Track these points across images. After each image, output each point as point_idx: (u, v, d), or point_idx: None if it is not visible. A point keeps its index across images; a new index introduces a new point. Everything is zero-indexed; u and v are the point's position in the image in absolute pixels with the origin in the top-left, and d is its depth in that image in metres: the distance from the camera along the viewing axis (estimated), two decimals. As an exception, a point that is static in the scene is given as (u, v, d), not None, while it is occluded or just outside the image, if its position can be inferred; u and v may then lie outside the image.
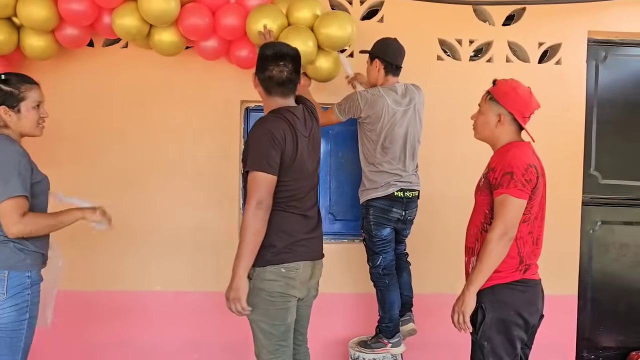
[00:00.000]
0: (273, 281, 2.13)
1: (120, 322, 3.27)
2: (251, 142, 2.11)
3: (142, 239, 3.27)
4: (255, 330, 2.20)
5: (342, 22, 2.84)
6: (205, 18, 2.77)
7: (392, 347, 2.94)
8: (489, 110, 2.13)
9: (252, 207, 2.04)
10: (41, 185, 2.18)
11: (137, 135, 3.27)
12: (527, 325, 2.04)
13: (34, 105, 2.14)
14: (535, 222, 2.04)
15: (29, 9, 2.65)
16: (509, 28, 3.42)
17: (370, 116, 2.81)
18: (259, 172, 2.06)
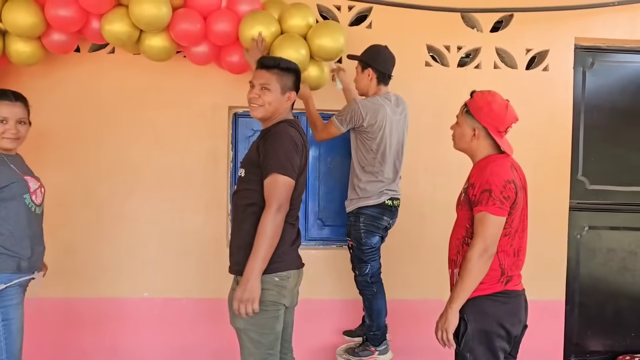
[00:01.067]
0: (266, 290, 2.13)
1: (107, 330, 3.27)
2: (274, 146, 2.12)
3: (130, 245, 3.28)
4: (244, 339, 2.19)
5: (334, 33, 2.85)
6: (197, 24, 2.77)
7: (379, 355, 2.96)
8: (464, 123, 2.14)
9: (274, 210, 2.05)
10: (9, 191, 2.24)
11: (125, 141, 3.27)
12: (510, 336, 2.05)
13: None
14: (516, 234, 2.06)
15: (15, 16, 2.62)
16: (497, 34, 3.45)
17: (372, 125, 2.80)
18: (282, 176, 2.08)
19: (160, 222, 3.30)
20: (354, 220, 2.90)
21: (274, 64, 2.26)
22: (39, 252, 2.38)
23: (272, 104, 2.23)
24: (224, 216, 3.35)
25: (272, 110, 2.25)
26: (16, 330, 2.26)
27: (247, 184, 2.19)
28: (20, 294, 2.31)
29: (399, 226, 3.20)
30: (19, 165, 2.37)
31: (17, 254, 2.26)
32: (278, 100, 2.25)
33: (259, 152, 2.15)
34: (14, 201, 2.26)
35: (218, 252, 3.32)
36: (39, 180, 2.43)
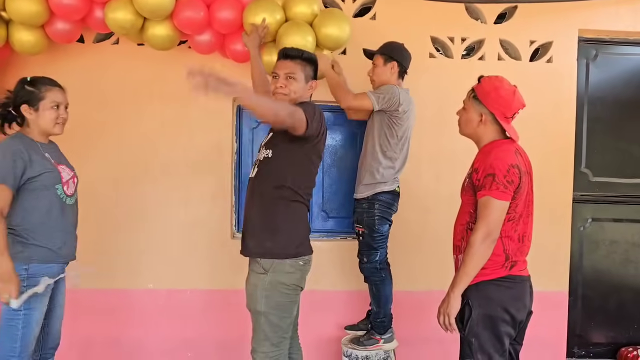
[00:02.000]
0: (291, 274, 2.21)
1: (112, 321, 3.29)
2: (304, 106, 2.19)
3: (135, 237, 3.30)
4: (263, 323, 2.22)
5: (340, 22, 2.89)
6: (201, 11, 2.78)
7: (384, 343, 2.98)
8: (471, 109, 2.14)
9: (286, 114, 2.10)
10: (42, 180, 2.27)
11: (129, 133, 3.29)
12: (515, 321, 2.06)
13: (52, 105, 2.32)
14: (520, 220, 2.06)
15: (18, 3, 2.63)
16: (501, 26, 3.47)
17: (405, 112, 2.87)
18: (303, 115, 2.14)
19: (164, 214, 3.32)
20: (368, 207, 2.91)
21: (298, 54, 2.33)
22: (70, 243, 2.41)
23: (297, 92, 2.30)
24: (229, 207, 3.37)
25: (296, 99, 2.30)
26: (34, 321, 2.28)
27: (276, 162, 2.22)
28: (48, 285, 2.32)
29: (403, 217, 3.23)
30: (53, 154, 2.40)
31: (46, 245, 2.28)
32: (302, 89, 2.32)
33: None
34: (45, 191, 2.29)
35: (223, 243, 3.35)
36: (72, 169, 2.47)
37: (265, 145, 2.35)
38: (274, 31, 2.82)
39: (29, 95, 2.29)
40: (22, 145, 2.26)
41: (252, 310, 2.26)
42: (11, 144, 2.24)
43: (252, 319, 2.27)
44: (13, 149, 2.22)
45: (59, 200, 2.33)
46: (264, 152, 2.31)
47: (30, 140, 2.32)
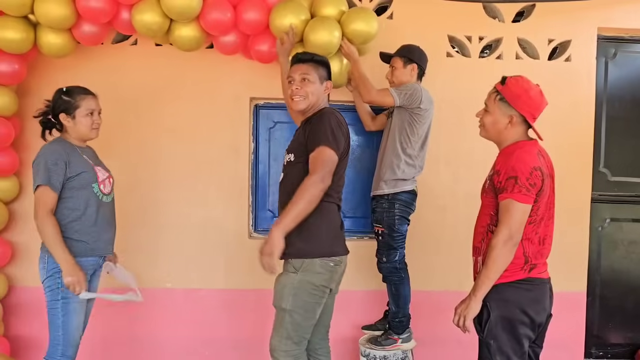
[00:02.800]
0: (321, 274, 2.23)
1: (130, 319, 3.33)
2: (320, 124, 2.23)
3: (153, 236, 3.34)
4: (286, 321, 2.24)
5: (368, 18, 2.92)
6: (227, 13, 2.81)
7: (402, 343, 2.99)
8: (497, 111, 2.10)
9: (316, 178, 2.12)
10: (79, 179, 2.45)
11: (147, 133, 3.32)
12: (534, 323, 2.06)
13: (87, 112, 2.51)
14: (541, 222, 2.05)
15: (47, 7, 2.68)
16: (519, 25, 3.46)
17: (426, 110, 2.91)
18: (328, 149, 2.17)
19: (182, 213, 3.35)
20: (389, 206, 2.93)
21: (309, 57, 2.38)
22: (106, 238, 2.59)
23: (314, 93, 2.34)
24: (246, 207, 3.39)
25: (314, 101, 2.34)
26: (74, 310, 2.44)
27: (297, 167, 2.26)
28: None
29: (420, 217, 3.25)
30: (90, 157, 2.59)
31: (81, 239, 2.46)
32: (318, 90, 2.35)
33: (306, 134, 2.24)
34: (83, 190, 2.48)
35: (240, 243, 3.38)
36: (108, 171, 2.65)
37: (288, 150, 2.39)
38: (300, 32, 2.85)
39: (66, 104, 2.48)
40: (63, 148, 2.46)
41: (277, 307, 2.28)
42: (53, 148, 2.44)
43: (276, 316, 2.29)
44: (55, 153, 2.42)
45: (95, 197, 2.51)
46: (287, 157, 2.36)
47: (70, 144, 2.53)
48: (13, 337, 3.24)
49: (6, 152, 3.00)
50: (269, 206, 3.50)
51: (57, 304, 2.42)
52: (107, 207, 2.60)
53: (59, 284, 2.40)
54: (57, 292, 2.42)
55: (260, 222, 3.48)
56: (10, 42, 2.77)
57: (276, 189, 3.46)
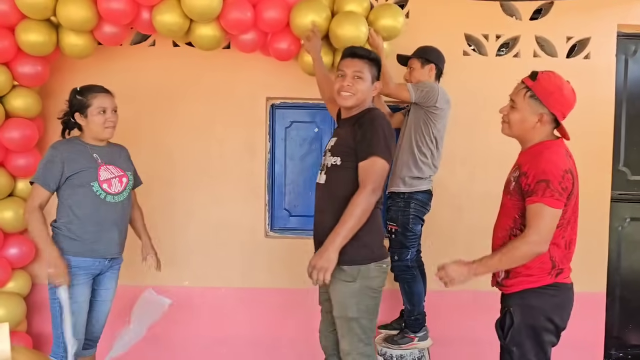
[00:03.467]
0: (376, 277, 2.26)
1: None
2: (373, 130, 2.19)
3: (169, 235, 3.39)
4: (355, 327, 2.25)
5: (395, 14, 2.96)
6: (247, 12, 2.84)
7: (419, 341, 3.00)
8: (526, 109, 1.98)
9: (369, 191, 2.12)
10: (78, 178, 2.45)
11: (165, 132, 3.38)
12: (558, 329, 2.01)
13: (98, 111, 2.50)
14: (568, 226, 1.98)
15: (69, 10, 2.73)
16: (537, 22, 3.44)
17: (443, 110, 2.92)
18: (381, 159, 2.16)
19: (199, 213, 3.41)
20: (404, 205, 2.94)
21: (366, 54, 2.33)
22: (108, 239, 2.53)
23: (364, 92, 2.30)
24: (262, 206, 3.43)
25: (362, 99, 2.31)
26: (71, 311, 2.42)
27: (344, 172, 2.23)
28: (80, 277, 2.47)
29: (436, 216, 3.25)
30: (106, 155, 2.57)
31: (80, 237, 2.46)
32: (368, 89, 2.32)
33: (356, 138, 2.20)
34: (82, 188, 2.47)
35: (256, 242, 3.42)
36: (124, 170, 2.61)
37: (332, 152, 2.32)
38: (324, 30, 2.88)
39: (79, 103, 2.50)
40: (65, 147, 2.48)
41: (341, 317, 2.27)
42: (54, 147, 2.49)
43: (341, 324, 2.28)
44: (53, 152, 2.46)
45: (94, 196, 2.48)
46: (332, 159, 2.29)
47: (80, 142, 2.53)
48: (36, 334, 3.32)
49: (31, 153, 3.07)
50: (285, 205, 3.53)
51: (56, 303, 2.43)
52: (113, 207, 2.53)
53: None
54: (53, 290, 2.44)
55: (276, 221, 3.52)
56: (33, 45, 2.83)
57: (292, 188, 3.51)
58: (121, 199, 2.58)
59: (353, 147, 2.21)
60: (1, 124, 2.93)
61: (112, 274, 2.65)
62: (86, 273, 2.49)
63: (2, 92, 2.92)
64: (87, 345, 2.62)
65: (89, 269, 2.49)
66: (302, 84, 3.28)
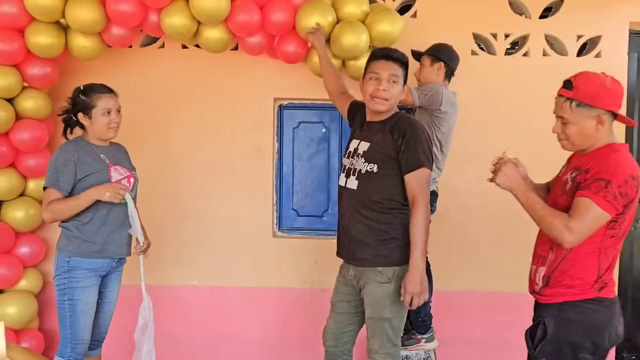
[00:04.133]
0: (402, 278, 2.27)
1: (157, 316, 3.40)
2: (418, 140, 2.21)
3: (179, 235, 3.43)
4: (387, 327, 2.29)
5: (393, 20, 2.96)
6: (255, 14, 2.86)
7: (425, 342, 3.01)
8: (579, 118, 1.86)
9: (425, 203, 2.18)
10: (90, 180, 2.45)
11: (173, 133, 3.42)
12: (598, 349, 1.86)
13: (103, 112, 2.49)
14: (622, 238, 1.87)
15: (77, 12, 2.76)
16: (546, 21, 3.40)
17: (447, 113, 2.90)
18: (428, 170, 2.22)
19: (207, 212, 3.44)
20: None
21: (401, 58, 2.30)
22: (118, 239, 2.55)
23: (397, 97, 2.30)
24: (270, 207, 3.45)
25: (394, 104, 2.32)
26: (81, 311, 2.47)
27: (382, 180, 2.24)
28: (91, 278, 2.50)
29: (445, 217, 3.25)
30: (111, 155, 2.58)
31: (90, 240, 2.47)
32: (400, 94, 2.32)
33: (397, 146, 2.21)
34: None
35: (264, 242, 3.44)
36: (131, 170, 2.63)
37: (367, 158, 2.28)
38: (327, 33, 2.91)
39: (83, 103, 2.48)
40: (75, 148, 2.47)
41: (374, 318, 2.30)
42: (65, 149, 2.48)
43: (373, 325, 2.32)
44: (66, 153, 2.45)
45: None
46: (367, 166, 2.26)
47: (86, 143, 2.53)
48: (47, 330, 3.38)
49: (41, 154, 3.13)
50: (292, 205, 3.55)
51: (65, 304, 2.46)
52: (123, 208, 2.53)
53: (66, 284, 2.45)
54: (64, 292, 2.46)
55: (284, 221, 3.54)
56: (42, 47, 2.87)
57: (300, 189, 3.53)
58: (129, 198, 2.57)
59: (394, 156, 2.21)
60: (12, 125, 2.98)
61: (117, 275, 2.68)
62: (96, 275, 2.52)
63: (12, 93, 2.97)
64: (93, 345, 2.65)
65: (98, 271, 2.52)
66: (309, 85, 3.30)
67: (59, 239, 2.53)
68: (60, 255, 2.49)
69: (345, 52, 2.93)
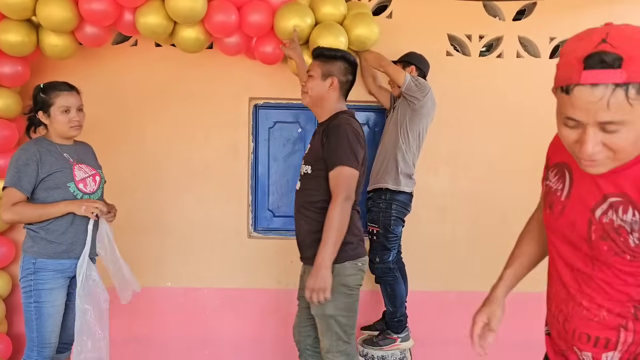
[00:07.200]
0: (353, 275, 2.37)
1: (130, 318, 3.45)
2: (337, 139, 2.30)
3: (153, 236, 3.47)
4: (333, 325, 2.37)
5: (369, 24, 3.06)
6: (232, 15, 2.91)
7: (401, 342, 3.10)
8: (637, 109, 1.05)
9: (341, 201, 2.24)
10: (53, 179, 2.45)
11: (147, 133, 3.46)
12: None
13: (61, 110, 2.49)
14: None
15: (49, 10, 2.77)
16: (520, 23, 3.53)
17: (428, 107, 3.04)
18: (348, 167, 2.27)
19: (182, 213, 3.48)
20: (385, 206, 3.04)
21: (317, 53, 2.48)
22: (85, 239, 2.52)
23: (314, 89, 2.42)
24: (245, 207, 3.51)
25: (315, 96, 2.44)
26: (47, 314, 2.47)
27: (315, 180, 2.36)
28: (58, 280, 2.50)
29: (420, 217, 3.35)
30: (75, 154, 2.58)
31: (57, 240, 2.47)
32: (318, 85, 2.42)
33: (324, 146, 2.32)
34: (58, 189, 2.47)
35: (239, 242, 3.50)
36: (96, 168, 2.65)
37: (305, 160, 2.47)
38: (306, 35, 2.98)
39: (42, 101, 2.49)
40: (37, 147, 2.46)
41: (319, 315, 2.38)
42: (26, 148, 2.46)
43: (321, 323, 2.40)
44: (27, 153, 2.44)
45: (71, 197, 2.49)
46: (304, 168, 2.44)
47: (49, 142, 2.52)
48: (16, 335, 3.38)
49: (10, 154, 3.12)
50: (268, 206, 3.61)
51: (31, 307, 2.45)
52: None
53: (32, 287, 2.44)
54: (30, 294, 2.45)
55: (260, 221, 3.60)
56: (12, 45, 2.88)
57: (276, 189, 3.59)
58: (96, 198, 2.60)
59: (322, 156, 2.33)
60: (-19, 124, 2.99)
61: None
62: (63, 276, 2.51)
63: (-19, 92, 2.98)
64: (61, 348, 2.63)
65: (66, 272, 2.51)
66: (285, 84, 3.38)
67: (24, 240, 2.51)
68: (26, 257, 2.47)
69: None
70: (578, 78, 1.05)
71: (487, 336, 1.52)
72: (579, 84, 1.05)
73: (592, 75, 1.03)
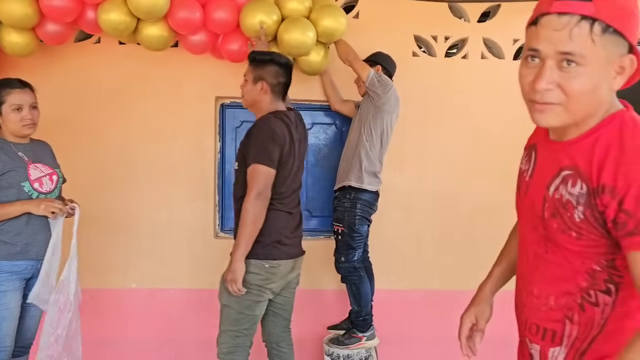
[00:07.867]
0: (254, 274, 2.41)
1: (94, 320, 3.39)
2: (254, 138, 2.40)
3: (117, 237, 3.43)
4: (224, 314, 2.49)
5: (336, 15, 3.08)
6: (196, 12, 2.90)
7: (367, 341, 3.14)
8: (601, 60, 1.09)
9: (252, 197, 2.32)
10: (6, 178, 2.41)
11: (111, 132, 3.42)
12: None
13: (13, 108, 2.45)
14: None
15: (8, 6, 2.73)
16: (484, 25, 3.61)
17: (391, 104, 3.07)
18: (261, 165, 2.34)
19: (147, 213, 3.46)
20: (350, 205, 3.07)
21: (250, 58, 2.56)
22: (41, 239, 2.50)
23: (248, 93, 2.54)
24: (212, 207, 3.51)
25: (249, 99, 2.55)
26: (1, 317, 2.42)
27: (241, 175, 2.44)
28: (13, 282, 2.46)
29: (386, 216, 3.39)
30: (31, 153, 2.53)
31: (11, 241, 2.43)
32: (250, 89, 2.53)
33: (244, 145, 2.43)
34: (12, 189, 2.43)
35: (206, 242, 3.49)
36: (53, 167, 2.60)
37: (236, 157, 2.57)
38: (273, 31, 2.99)
39: None
40: None
41: (220, 302, 2.51)
42: None
43: (220, 311, 2.53)
44: None
45: (26, 197, 2.45)
46: (235, 164, 2.54)
47: (3, 140, 2.48)
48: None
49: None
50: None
51: None
52: None
53: None
54: None
55: (227, 221, 3.60)
56: (-29, 42, 2.83)
57: (242, 189, 3.59)
58: (53, 197, 2.56)
59: (244, 154, 2.43)
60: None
61: None
62: (19, 277, 2.47)
63: (-63, 90, 2.90)
64: (18, 352, 2.58)
65: (21, 273, 2.47)
66: (251, 84, 3.37)
67: None
68: None
69: (292, 49, 3.01)
70: (549, 7, 1.10)
71: (475, 337, 1.51)
72: (548, 13, 1.10)
73: (562, 4, 1.08)
